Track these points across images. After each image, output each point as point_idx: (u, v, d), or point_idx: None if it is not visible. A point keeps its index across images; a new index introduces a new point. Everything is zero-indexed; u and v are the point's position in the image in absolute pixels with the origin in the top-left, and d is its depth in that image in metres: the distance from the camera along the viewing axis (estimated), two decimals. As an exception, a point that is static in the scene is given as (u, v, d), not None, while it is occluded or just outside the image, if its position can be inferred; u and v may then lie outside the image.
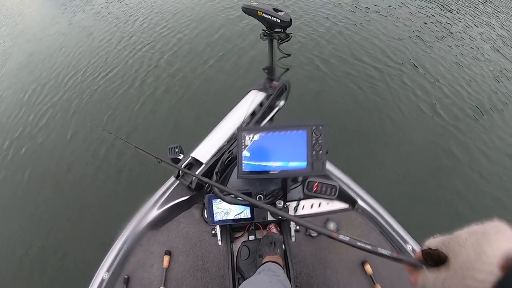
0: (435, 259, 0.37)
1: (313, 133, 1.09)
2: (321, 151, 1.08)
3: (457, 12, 4.98)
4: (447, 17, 4.81)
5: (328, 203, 1.46)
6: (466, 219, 2.19)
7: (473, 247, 0.31)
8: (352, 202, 1.45)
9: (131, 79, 3.89)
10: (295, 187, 1.43)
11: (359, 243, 0.50)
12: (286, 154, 1.09)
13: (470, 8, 5.14)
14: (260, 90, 1.60)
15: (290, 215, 0.65)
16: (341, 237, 0.52)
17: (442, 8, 5.07)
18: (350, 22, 4.47)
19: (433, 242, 0.38)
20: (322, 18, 4.60)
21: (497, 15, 5.04)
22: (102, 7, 6.07)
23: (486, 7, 5.26)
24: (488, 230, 0.32)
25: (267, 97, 1.58)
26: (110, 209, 2.45)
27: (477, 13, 5.02)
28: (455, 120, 3.09)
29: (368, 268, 1.27)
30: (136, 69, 4.07)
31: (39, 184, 2.92)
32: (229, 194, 1.15)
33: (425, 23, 4.57)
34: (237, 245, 1.41)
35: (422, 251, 0.39)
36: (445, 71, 3.65)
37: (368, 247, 0.48)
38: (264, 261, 1.20)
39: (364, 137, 2.88)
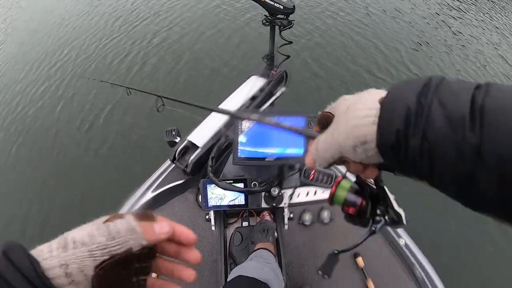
0: (324, 122, 0.37)
1: (312, 122, 1.06)
2: (319, 139, 1.06)
3: (467, 20, 4.82)
4: (455, 23, 4.67)
5: (323, 192, 1.44)
6: (459, 213, 2.18)
7: (353, 97, 0.34)
8: None
9: (126, 52, 3.88)
10: (291, 175, 1.42)
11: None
12: (283, 141, 1.07)
13: (480, 16, 4.98)
14: (261, 75, 1.58)
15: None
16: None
17: (453, 14, 4.92)
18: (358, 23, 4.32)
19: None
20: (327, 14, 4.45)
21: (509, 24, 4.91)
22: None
23: (499, 14, 5.10)
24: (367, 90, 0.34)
25: (267, 83, 1.55)
26: (104, 191, 2.40)
27: (488, 22, 4.87)
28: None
29: (360, 261, 1.26)
30: (133, 42, 4.04)
31: (28, 157, 2.88)
32: (224, 180, 1.14)
33: (432, 30, 4.42)
34: (230, 231, 1.40)
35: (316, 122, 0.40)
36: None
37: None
38: (256, 247, 1.20)
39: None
